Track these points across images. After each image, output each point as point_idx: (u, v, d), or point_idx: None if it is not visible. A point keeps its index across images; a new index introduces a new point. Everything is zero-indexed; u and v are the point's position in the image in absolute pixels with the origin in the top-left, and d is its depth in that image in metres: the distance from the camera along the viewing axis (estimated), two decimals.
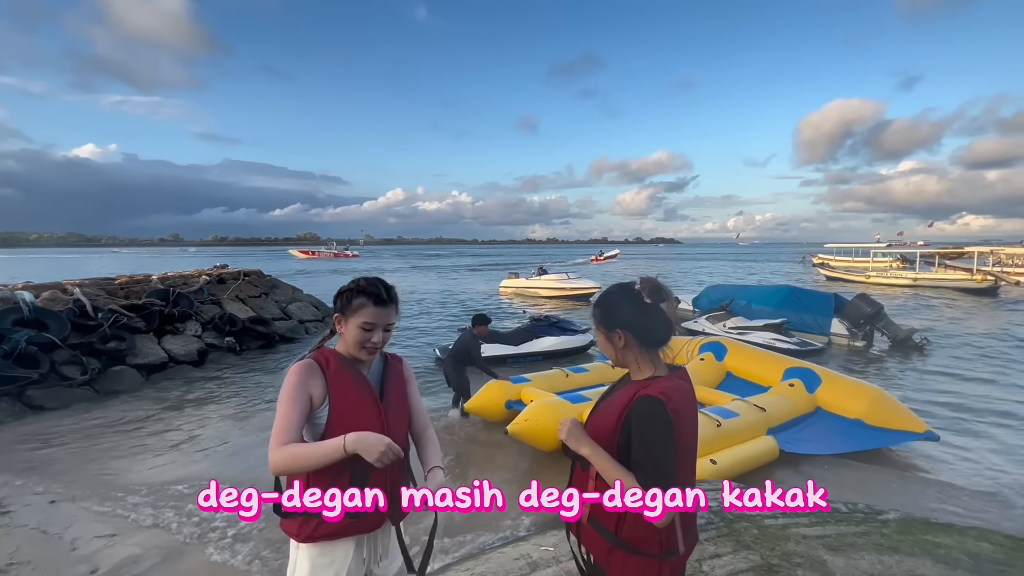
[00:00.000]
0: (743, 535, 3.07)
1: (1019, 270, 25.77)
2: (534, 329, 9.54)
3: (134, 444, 5.45)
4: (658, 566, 1.28)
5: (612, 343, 1.40)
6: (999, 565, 2.80)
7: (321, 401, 1.40)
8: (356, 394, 1.44)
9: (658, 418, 1.24)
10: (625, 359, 1.40)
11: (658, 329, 1.36)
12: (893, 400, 5.20)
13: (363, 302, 1.44)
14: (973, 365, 8.98)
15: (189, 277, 11.30)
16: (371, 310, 1.44)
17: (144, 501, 4.21)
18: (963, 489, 4.46)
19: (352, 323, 1.44)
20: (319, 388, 1.40)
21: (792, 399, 5.44)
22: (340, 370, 1.44)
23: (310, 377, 1.40)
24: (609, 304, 1.40)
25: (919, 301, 18.60)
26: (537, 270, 21.47)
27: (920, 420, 5.03)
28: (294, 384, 1.38)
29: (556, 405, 4.86)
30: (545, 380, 6.17)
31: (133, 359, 7.83)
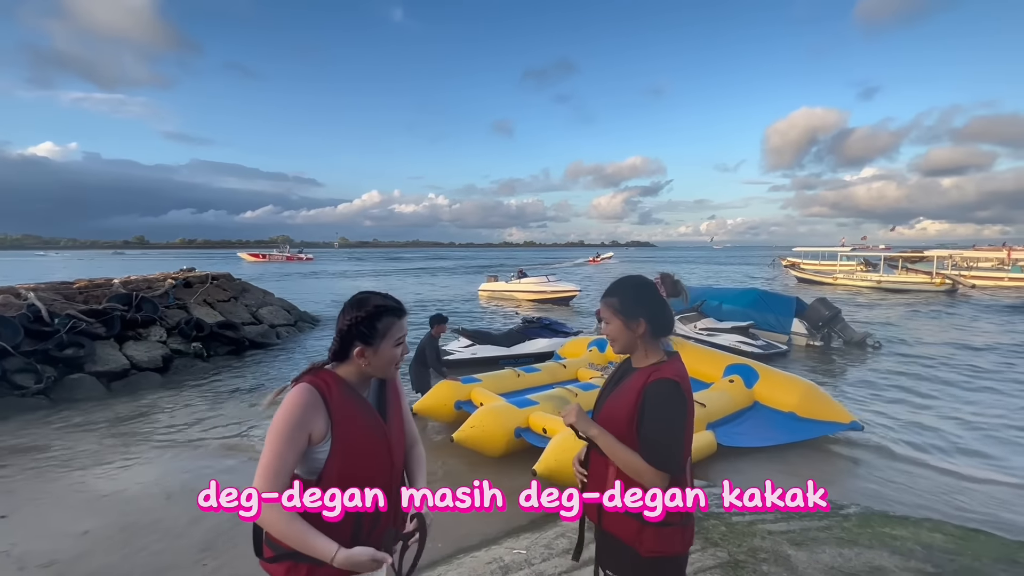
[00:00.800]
0: (711, 532, 3.14)
1: (974, 273, 27.12)
2: (526, 331, 9.53)
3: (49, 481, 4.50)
4: (682, 531, 1.42)
5: (631, 330, 1.49)
6: (950, 555, 2.93)
7: (322, 437, 1.24)
8: (362, 429, 1.31)
9: (677, 399, 1.38)
10: (635, 346, 1.51)
11: (668, 322, 1.51)
12: (822, 393, 5.43)
13: (390, 321, 1.33)
14: (919, 366, 9.39)
15: (154, 281, 10.92)
16: (399, 324, 1.35)
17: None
18: (900, 483, 4.65)
19: (385, 346, 1.32)
20: (321, 423, 1.23)
21: (731, 394, 5.61)
22: (346, 401, 1.29)
23: (313, 413, 1.22)
24: (631, 294, 1.51)
25: (882, 302, 19.37)
26: (517, 273, 21.33)
27: (846, 411, 5.25)
28: (294, 421, 1.20)
29: (502, 411, 4.84)
30: (496, 380, 6.14)
31: (92, 366, 7.52)
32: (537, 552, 3.00)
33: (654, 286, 1.52)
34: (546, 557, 2.93)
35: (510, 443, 4.70)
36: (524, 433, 4.76)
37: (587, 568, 2.70)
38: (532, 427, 4.83)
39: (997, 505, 4.18)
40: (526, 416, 4.88)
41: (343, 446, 1.25)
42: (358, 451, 1.29)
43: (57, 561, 3.26)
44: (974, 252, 31.12)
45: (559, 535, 3.20)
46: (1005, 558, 2.91)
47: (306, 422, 1.21)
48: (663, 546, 1.40)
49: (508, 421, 4.75)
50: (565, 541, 3.10)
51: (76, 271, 37.94)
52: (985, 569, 2.77)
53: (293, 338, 11.90)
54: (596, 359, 7.39)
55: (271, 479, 1.18)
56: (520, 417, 4.85)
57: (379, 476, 1.33)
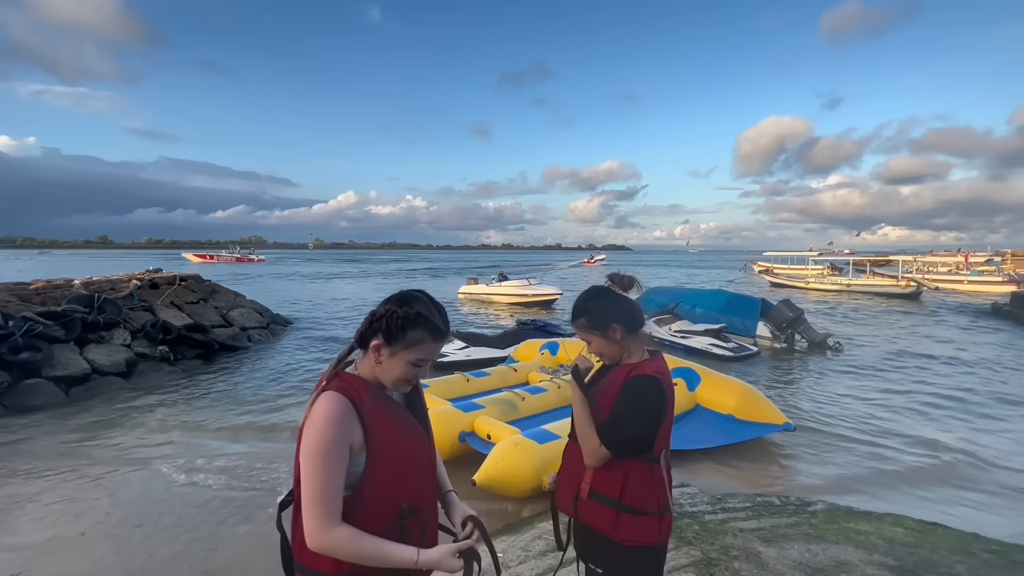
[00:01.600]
0: (685, 531, 3.19)
1: (935, 277, 28.50)
2: (520, 332, 9.49)
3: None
4: (658, 521, 1.46)
5: (611, 339, 1.52)
6: (909, 547, 3.05)
7: (360, 448, 1.13)
8: (402, 436, 1.21)
9: (654, 392, 1.44)
10: (618, 351, 1.54)
11: (637, 314, 1.54)
12: (759, 395, 5.52)
13: (421, 336, 1.17)
14: (875, 366, 9.77)
15: (117, 282, 10.51)
16: (428, 346, 1.19)
17: None
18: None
19: (400, 358, 1.18)
20: (358, 434, 1.13)
21: (676, 398, 5.58)
22: (378, 406, 1.18)
23: (349, 424, 1.11)
24: (595, 307, 1.54)
25: (850, 304, 20.06)
26: (498, 276, 21.13)
27: (780, 413, 5.34)
28: (334, 438, 1.08)
29: (445, 415, 4.67)
30: (444, 385, 5.90)
31: (50, 371, 7.18)
32: (514, 555, 2.99)
33: (609, 289, 1.56)
34: (523, 560, 2.93)
35: (453, 448, 4.54)
36: (468, 438, 4.61)
37: (564, 569, 2.71)
38: (477, 432, 4.68)
39: (953, 500, 4.38)
40: (471, 420, 4.75)
41: (381, 455, 1.15)
42: (399, 461, 1.19)
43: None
44: (933, 257, 32.71)
45: (536, 537, 3.20)
46: (960, 549, 3.05)
47: (345, 436, 1.10)
48: (638, 535, 1.44)
49: (452, 425, 4.60)
50: (542, 543, 3.10)
51: (34, 271, 36.14)
52: (942, 560, 2.89)
53: (265, 341, 11.62)
54: (548, 362, 7.22)
55: (329, 506, 1.08)
56: (464, 421, 4.71)
57: (421, 487, 1.24)
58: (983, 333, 13.61)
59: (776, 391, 7.78)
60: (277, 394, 7.49)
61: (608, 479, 1.47)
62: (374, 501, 1.14)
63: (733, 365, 9.32)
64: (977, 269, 29.01)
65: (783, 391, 7.86)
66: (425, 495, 1.25)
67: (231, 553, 3.49)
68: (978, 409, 6.94)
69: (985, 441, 5.77)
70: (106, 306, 8.93)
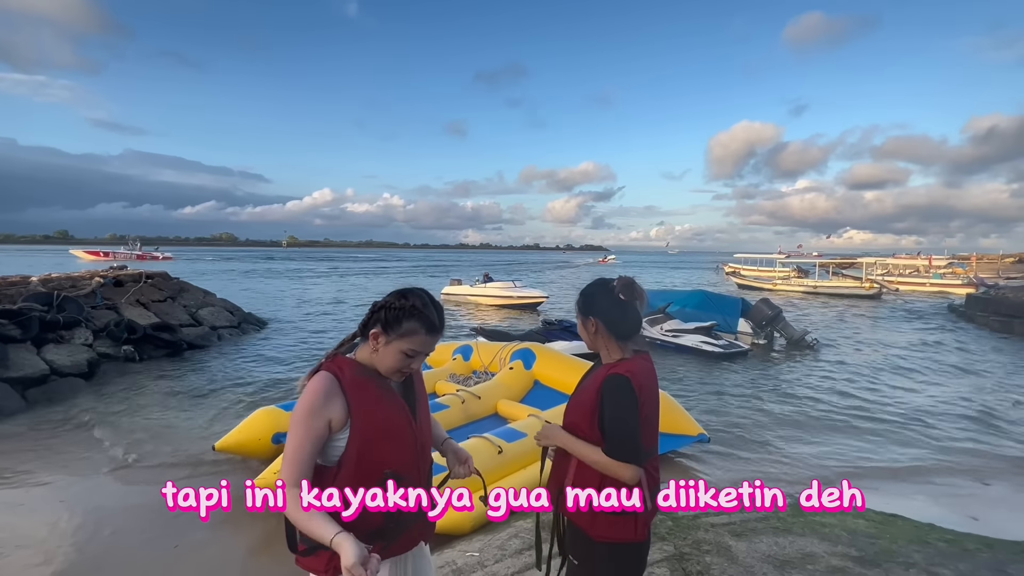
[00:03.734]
0: (658, 527, 3.25)
1: (898, 279, 29.85)
2: (546, 332, 9.36)
3: None
4: (634, 520, 1.48)
5: (586, 328, 1.61)
6: (871, 538, 3.18)
7: (342, 424, 1.22)
8: (385, 410, 1.28)
9: (624, 392, 1.45)
10: (596, 344, 1.60)
11: (628, 323, 1.56)
12: (677, 405, 5.21)
13: (415, 327, 1.27)
14: (846, 363, 10.17)
15: (79, 279, 10.11)
16: (421, 338, 1.28)
17: None
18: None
19: (394, 347, 1.27)
20: (339, 409, 1.21)
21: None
22: (360, 382, 1.25)
23: (330, 398, 1.21)
24: (589, 295, 1.61)
25: (817, 305, 20.74)
26: (483, 277, 20.57)
27: (696, 423, 5.09)
28: (311, 409, 1.19)
29: None
30: None
31: (5, 372, 6.84)
32: (490, 554, 3.00)
33: (610, 289, 1.58)
34: (499, 558, 2.94)
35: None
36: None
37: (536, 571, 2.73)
38: None
39: (911, 493, 4.57)
40: None
41: (362, 428, 1.23)
42: (379, 432, 1.26)
43: None
44: (897, 260, 34.20)
45: (512, 536, 3.21)
46: (918, 539, 3.19)
47: (323, 407, 1.20)
48: (614, 532, 1.47)
49: None
50: (518, 542, 3.12)
51: (83, 266, 34.05)
52: (900, 550, 3.02)
53: (236, 340, 11.33)
54: (460, 369, 6.54)
55: (292, 468, 1.20)
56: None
57: (403, 455, 1.30)
58: (940, 332, 14.26)
59: (767, 387, 7.99)
60: (245, 394, 7.32)
61: (588, 476, 1.50)
62: (358, 466, 1.23)
63: (723, 363, 9.53)
64: (939, 272, 30.51)
65: (773, 387, 8.08)
66: (407, 461, 1.32)
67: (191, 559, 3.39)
68: (941, 407, 7.27)
69: (938, 434, 6.05)
70: (66, 304, 8.57)
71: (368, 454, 1.23)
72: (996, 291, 17.63)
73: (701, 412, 6.48)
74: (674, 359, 9.89)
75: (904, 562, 2.88)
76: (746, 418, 6.56)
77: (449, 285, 21.91)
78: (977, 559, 2.96)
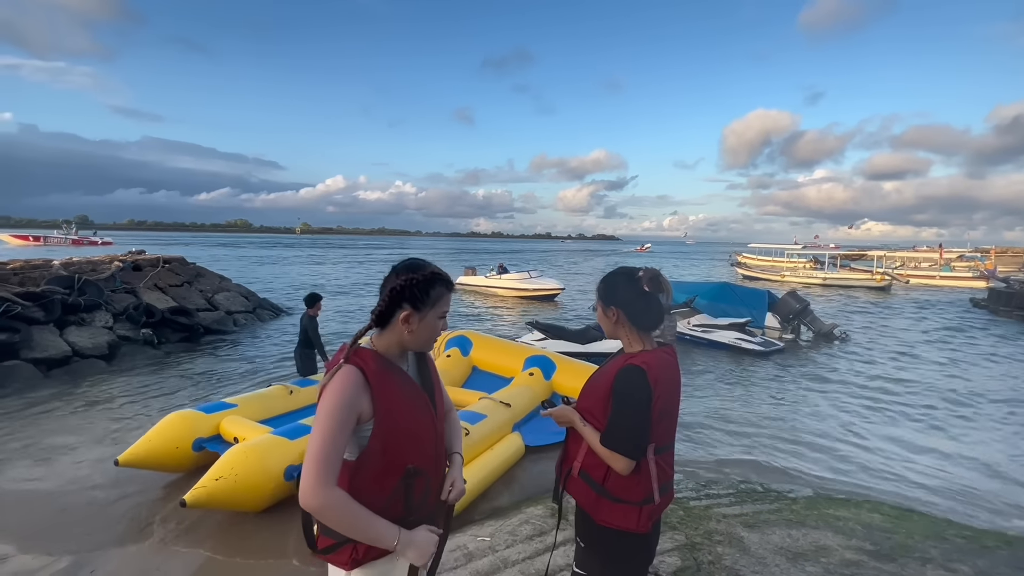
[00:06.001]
0: (669, 517, 3.24)
1: (912, 272, 29.17)
2: (597, 327, 9.25)
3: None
4: (637, 511, 1.48)
5: (607, 317, 1.59)
6: (886, 532, 3.15)
7: (368, 416, 1.22)
8: (408, 404, 1.29)
9: (637, 384, 1.44)
10: (617, 333, 1.59)
11: (650, 314, 1.55)
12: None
13: (441, 291, 1.30)
14: (877, 352, 10.00)
15: (99, 263, 10.30)
16: (447, 298, 1.33)
17: None
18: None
19: (432, 316, 1.30)
20: (367, 403, 1.21)
21: (533, 388, 5.35)
22: (385, 376, 1.25)
23: (360, 393, 1.20)
24: (612, 283, 1.59)
25: (828, 296, 20.42)
26: (497, 268, 20.21)
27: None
28: (344, 404, 1.17)
29: (265, 448, 3.49)
30: (258, 402, 4.70)
31: (29, 352, 7.03)
32: (501, 539, 3.02)
33: (636, 279, 1.55)
34: (510, 544, 2.96)
35: (279, 489, 3.45)
36: (299, 472, 3.60)
37: (547, 555, 2.75)
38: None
39: (929, 489, 4.50)
40: (301, 450, 3.57)
41: (387, 423, 1.23)
42: (403, 427, 1.26)
43: None
44: (913, 253, 33.44)
45: (523, 522, 3.23)
46: (934, 535, 3.15)
47: (355, 402, 1.19)
48: (615, 519, 1.49)
49: (273, 460, 3.44)
50: (529, 528, 3.14)
51: (42, 251, 34.64)
52: (917, 545, 2.99)
53: (251, 325, 11.48)
54: None
55: (327, 466, 1.15)
56: (292, 451, 3.56)
57: (425, 450, 1.31)
58: (965, 326, 13.97)
59: (806, 386, 7.87)
60: (260, 380, 7.42)
61: (596, 462, 1.52)
62: (382, 462, 1.23)
63: (763, 361, 9.21)
64: (950, 265, 29.82)
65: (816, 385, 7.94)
66: (428, 456, 1.32)
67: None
68: (957, 401, 7.14)
69: (956, 431, 5.94)
70: (87, 288, 8.75)
71: (392, 449, 1.23)
72: (1019, 285, 17.17)
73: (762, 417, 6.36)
74: (701, 355, 9.52)
75: (921, 557, 2.84)
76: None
77: (463, 275, 21.47)
78: (996, 555, 2.92)
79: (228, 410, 4.38)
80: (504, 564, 2.75)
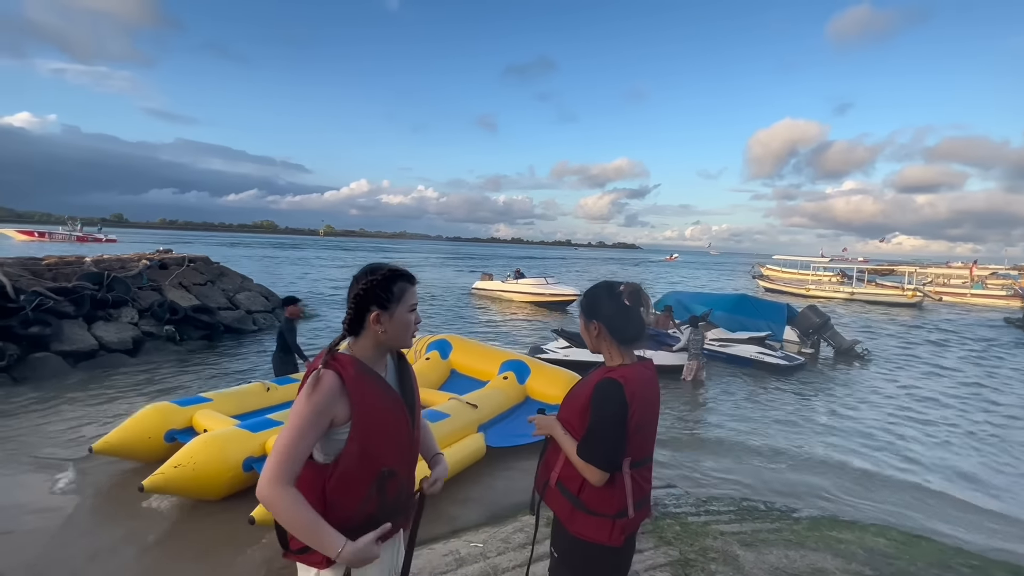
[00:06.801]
0: (665, 532, 3.22)
1: (943, 289, 28.13)
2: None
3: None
4: (611, 524, 1.49)
5: (588, 331, 1.61)
6: (889, 558, 3.06)
7: (344, 420, 1.25)
8: (384, 408, 1.32)
9: (613, 398, 1.45)
10: (598, 347, 1.61)
11: (631, 329, 1.56)
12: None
13: (403, 286, 1.35)
14: (901, 370, 9.70)
15: (127, 261, 10.70)
16: (412, 290, 1.38)
17: None
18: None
19: (401, 311, 1.34)
20: (343, 407, 1.24)
21: (506, 391, 5.48)
22: (362, 380, 1.28)
23: (336, 398, 1.23)
24: (593, 297, 1.61)
25: (855, 312, 19.86)
26: (514, 273, 20.32)
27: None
28: (316, 407, 1.21)
29: (225, 439, 3.65)
30: (234, 398, 4.78)
31: (59, 345, 7.34)
32: (493, 546, 3.05)
33: (616, 293, 1.57)
34: (502, 551, 2.98)
35: (236, 480, 3.57)
36: (257, 464, 3.64)
37: (541, 563, 2.75)
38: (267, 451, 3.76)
39: (945, 517, 4.35)
40: (262, 442, 3.74)
41: (364, 425, 1.26)
42: (379, 430, 1.29)
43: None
44: (944, 269, 32.27)
45: (517, 530, 3.25)
46: (940, 563, 3.05)
47: (329, 407, 1.22)
48: (589, 531, 1.51)
49: (234, 451, 3.59)
50: (522, 536, 3.15)
51: (47, 247, 36.26)
52: (919, 573, 2.90)
53: (271, 325, 11.76)
54: None
55: (287, 464, 1.18)
56: (254, 444, 3.69)
57: (400, 453, 1.35)
58: (997, 345, 13.44)
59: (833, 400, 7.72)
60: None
61: (573, 474, 1.54)
62: (357, 464, 1.26)
63: (785, 375, 8.99)
64: (982, 282, 28.66)
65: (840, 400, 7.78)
66: (403, 459, 1.37)
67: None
68: (986, 423, 6.88)
69: (982, 455, 5.72)
70: (115, 284, 9.09)
71: (368, 452, 1.27)
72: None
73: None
74: (719, 369, 9.28)
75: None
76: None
77: (480, 280, 21.68)
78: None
79: (203, 403, 4.53)
80: (494, 571, 2.77)
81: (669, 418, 6.35)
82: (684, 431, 6.05)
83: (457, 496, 3.89)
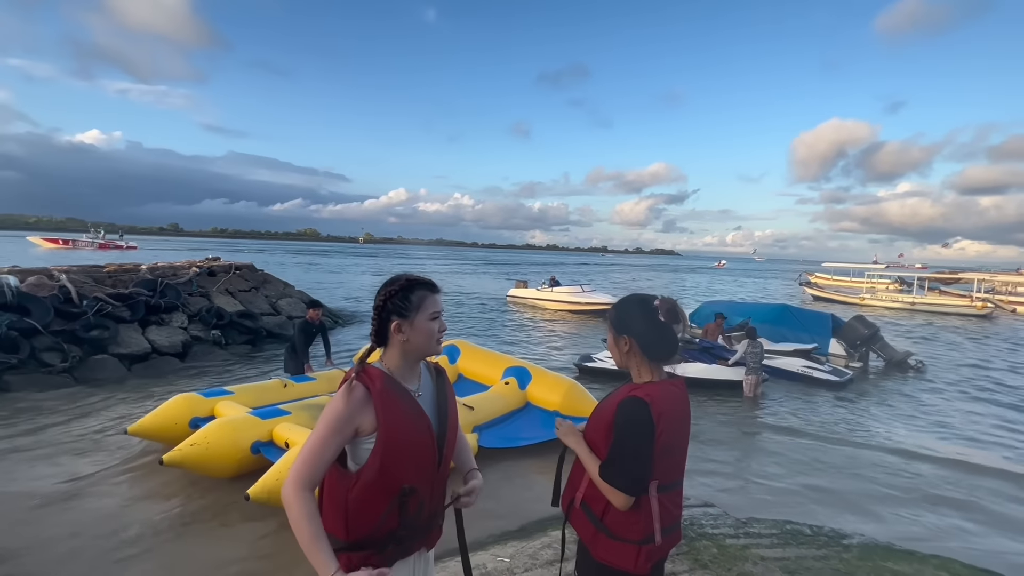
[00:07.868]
0: (702, 554, 3.06)
1: (1012, 298, 25.88)
2: (681, 351, 8.89)
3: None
4: (636, 551, 1.41)
5: (618, 347, 1.53)
6: None
7: (370, 430, 1.28)
8: (408, 424, 1.32)
9: (638, 418, 1.38)
10: (627, 363, 1.53)
11: (664, 345, 1.48)
12: (583, 391, 5.65)
13: (423, 294, 1.35)
14: (957, 389, 9.00)
15: (179, 268, 11.28)
16: (433, 298, 1.37)
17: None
18: None
19: (421, 319, 1.34)
20: (368, 418, 1.27)
21: (505, 396, 5.64)
22: (389, 395, 1.29)
23: (362, 408, 1.27)
24: (625, 311, 1.53)
25: (917, 323, 18.62)
26: (549, 281, 20.09)
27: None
28: (342, 416, 1.25)
29: (237, 424, 4.12)
30: (254, 392, 5.19)
31: (116, 348, 7.80)
32: (521, 561, 2.97)
33: (652, 307, 1.49)
34: (529, 567, 2.90)
35: (244, 461, 4.01)
36: (263, 448, 4.07)
37: None
38: (275, 440, 4.15)
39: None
40: (270, 428, 4.18)
41: (387, 439, 1.27)
42: (401, 446, 1.29)
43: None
44: (1013, 276, 29.68)
45: (545, 545, 3.17)
46: None
47: (354, 416, 1.26)
48: (613, 557, 1.43)
49: (243, 435, 4.04)
50: (550, 552, 3.07)
51: (107, 255, 38.64)
52: None
53: None
54: None
55: (309, 470, 1.23)
56: (261, 430, 4.14)
57: (420, 471, 1.34)
58: None
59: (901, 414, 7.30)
60: None
61: (596, 495, 1.46)
62: (377, 477, 1.26)
63: (836, 391, 8.41)
64: None
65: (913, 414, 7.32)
66: (425, 478, 1.35)
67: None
68: None
69: None
70: (167, 291, 9.60)
71: (387, 467, 1.27)
72: None
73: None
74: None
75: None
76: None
77: (515, 288, 21.53)
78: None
79: (225, 396, 4.93)
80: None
81: (714, 433, 6.12)
82: (725, 448, 5.79)
83: (482, 506, 3.83)
